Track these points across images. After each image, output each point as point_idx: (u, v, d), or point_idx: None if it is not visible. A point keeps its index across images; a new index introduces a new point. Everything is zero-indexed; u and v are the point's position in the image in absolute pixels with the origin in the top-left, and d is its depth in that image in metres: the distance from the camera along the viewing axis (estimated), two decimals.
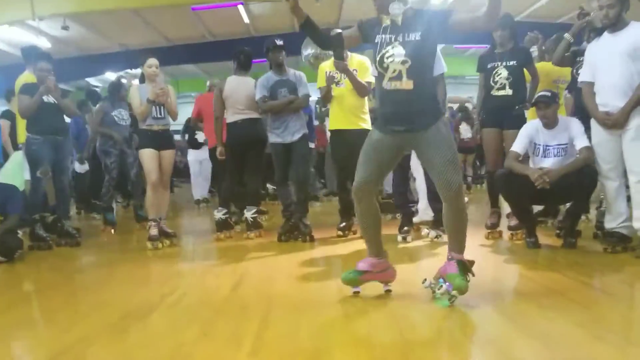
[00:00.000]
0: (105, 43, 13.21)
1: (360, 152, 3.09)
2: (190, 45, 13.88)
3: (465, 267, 2.92)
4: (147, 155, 5.15)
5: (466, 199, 5.77)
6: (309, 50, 9.71)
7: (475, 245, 4.58)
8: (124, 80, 9.20)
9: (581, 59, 4.52)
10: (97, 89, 9.36)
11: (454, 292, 2.80)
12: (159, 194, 5.23)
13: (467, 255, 3.00)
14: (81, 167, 8.41)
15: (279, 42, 5.15)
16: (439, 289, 2.89)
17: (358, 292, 3.09)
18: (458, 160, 2.95)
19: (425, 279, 2.99)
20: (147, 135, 5.19)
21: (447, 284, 2.87)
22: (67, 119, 5.99)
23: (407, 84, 2.88)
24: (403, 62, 2.88)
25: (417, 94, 2.89)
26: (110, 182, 6.55)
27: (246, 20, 12.07)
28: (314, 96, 5.93)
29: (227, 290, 3.42)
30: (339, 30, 3.32)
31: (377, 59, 2.95)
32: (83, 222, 8.11)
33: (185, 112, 12.09)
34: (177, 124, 6.59)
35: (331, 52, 6.70)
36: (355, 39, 3.16)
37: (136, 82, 6.49)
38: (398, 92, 2.90)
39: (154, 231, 5.10)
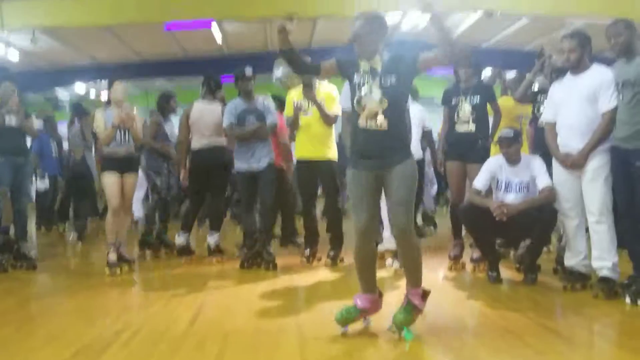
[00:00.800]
0: (75, 56, 12.98)
1: (350, 197, 3.19)
2: (162, 61, 13.76)
3: (413, 308, 3.00)
4: (110, 180, 5.06)
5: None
6: (280, 70, 9.72)
7: (437, 278, 4.61)
8: (93, 92, 9.05)
9: (542, 97, 4.63)
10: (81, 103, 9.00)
11: (393, 327, 2.97)
12: (119, 219, 5.13)
13: (431, 289, 3.09)
14: (42, 184, 8.23)
15: (248, 72, 5.14)
16: (393, 332, 3.01)
17: (346, 331, 3.09)
18: (412, 203, 3.02)
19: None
20: (110, 159, 5.10)
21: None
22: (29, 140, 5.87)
23: (382, 123, 2.99)
24: (380, 104, 3.00)
25: (390, 133, 3.00)
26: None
27: (219, 39, 12.03)
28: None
29: (184, 324, 3.35)
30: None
31: (355, 98, 3.06)
32: (41, 239, 7.94)
33: None
34: None
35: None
36: (331, 72, 3.28)
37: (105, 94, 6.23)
38: (373, 131, 3.01)
39: (112, 257, 5.00)
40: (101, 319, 3.57)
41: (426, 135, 6.03)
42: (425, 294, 3.06)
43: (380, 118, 2.99)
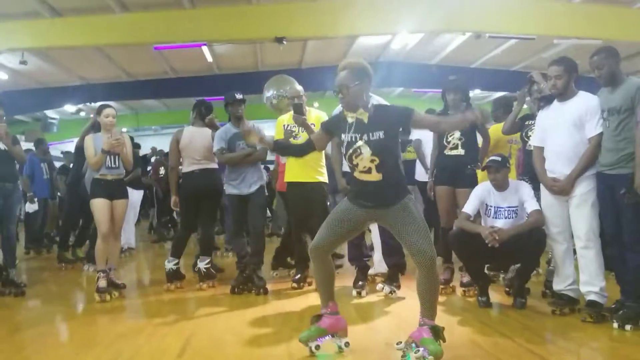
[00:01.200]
0: (64, 76, 12.99)
1: (328, 215, 3.33)
2: (152, 81, 13.77)
3: (438, 333, 3.03)
4: (99, 205, 5.05)
5: None
6: (271, 91, 9.76)
7: None
8: (82, 113, 8.96)
9: (530, 122, 4.69)
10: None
11: (430, 358, 2.92)
12: (109, 245, 5.11)
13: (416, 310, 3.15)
14: (31, 207, 8.19)
15: (239, 96, 5.17)
16: (415, 353, 2.98)
17: (319, 345, 3.21)
18: (428, 231, 3.10)
19: (400, 342, 3.12)
20: (99, 185, 5.10)
21: (422, 348, 2.98)
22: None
23: (376, 176, 3.11)
24: (371, 161, 3.08)
25: (385, 182, 3.11)
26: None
27: (209, 59, 12.09)
28: None
29: (173, 356, 3.32)
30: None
31: (346, 156, 3.15)
32: (31, 262, 7.88)
33: (145, 145, 11.98)
34: None
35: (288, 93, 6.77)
36: (324, 140, 3.41)
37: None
38: (368, 182, 3.14)
39: (102, 283, 4.97)
40: (89, 349, 3.53)
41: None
42: (441, 329, 3.07)
43: (374, 172, 3.10)
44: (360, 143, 3.09)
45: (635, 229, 3.71)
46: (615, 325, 3.68)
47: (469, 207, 4.46)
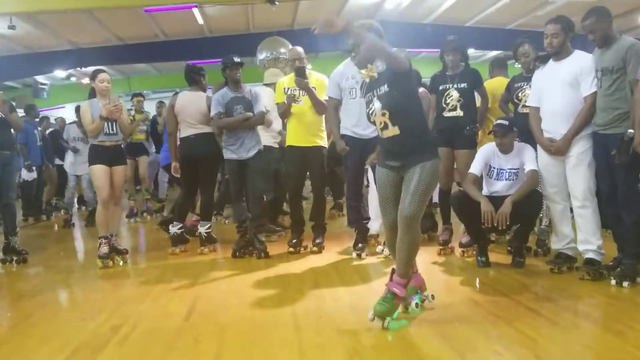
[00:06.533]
0: (54, 41, 12.72)
1: (379, 195, 3.33)
2: (143, 45, 13.53)
3: (394, 297, 3.08)
4: (99, 172, 5.04)
5: None
6: (264, 54, 9.67)
7: (427, 262, 4.68)
8: (73, 79, 8.78)
9: (520, 84, 4.77)
10: None
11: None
12: (109, 211, 5.12)
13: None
14: (29, 175, 8.16)
15: (237, 59, 5.11)
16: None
17: (418, 303, 3.31)
18: (424, 196, 3.08)
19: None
20: (98, 151, 5.07)
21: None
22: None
23: (393, 130, 3.13)
24: (383, 114, 3.12)
25: (405, 136, 3.12)
26: None
27: (200, 21, 11.87)
28: None
29: (179, 319, 3.38)
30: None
31: (367, 116, 3.26)
32: (31, 230, 7.90)
33: None
34: None
35: (285, 56, 6.61)
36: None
37: (86, 80, 6.22)
38: (390, 137, 3.16)
39: (104, 249, 5.00)
40: (96, 315, 3.56)
41: None
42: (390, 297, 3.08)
43: (390, 127, 3.13)
44: (373, 100, 3.19)
45: (627, 188, 3.78)
46: (613, 282, 3.76)
47: (475, 168, 4.49)
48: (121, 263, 5.13)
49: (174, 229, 5.47)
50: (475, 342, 2.85)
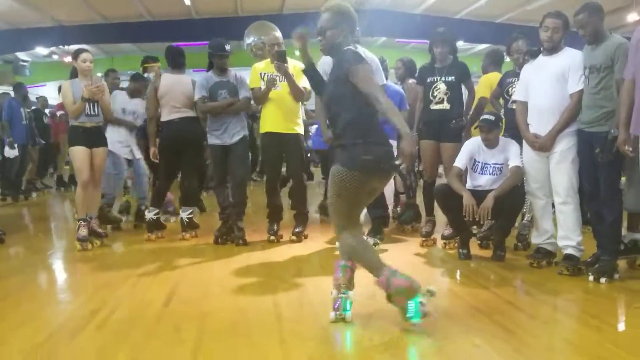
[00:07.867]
0: (36, 17, 12.49)
1: None
2: (128, 24, 13.34)
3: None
4: (79, 153, 4.96)
5: None
6: (251, 38, 9.56)
7: (409, 254, 4.70)
8: (55, 57, 8.52)
9: (512, 80, 4.75)
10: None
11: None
12: (89, 193, 5.04)
13: (402, 265, 3.13)
14: (11, 152, 8.00)
15: (227, 48, 5.04)
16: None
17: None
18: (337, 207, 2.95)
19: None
20: (78, 132, 4.98)
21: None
22: None
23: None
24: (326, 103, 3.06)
25: (336, 126, 2.98)
26: None
27: (187, 2, 11.73)
28: None
29: (159, 305, 3.34)
30: None
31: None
32: (8, 209, 7.78)
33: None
34: None
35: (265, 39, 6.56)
36: None
37: (68, 59, 6.07)
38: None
39: (83, 231, 4.94)
40: (73, 298, 3.53)
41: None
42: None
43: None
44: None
45: (610, 186, 3.81)
46: (591, 278, 3.80)
47: (460, 162, 4.50)
48: (99, 244, 5.07)
49: (150, 214, 5.40)
50: (455, 334, 2.86)
